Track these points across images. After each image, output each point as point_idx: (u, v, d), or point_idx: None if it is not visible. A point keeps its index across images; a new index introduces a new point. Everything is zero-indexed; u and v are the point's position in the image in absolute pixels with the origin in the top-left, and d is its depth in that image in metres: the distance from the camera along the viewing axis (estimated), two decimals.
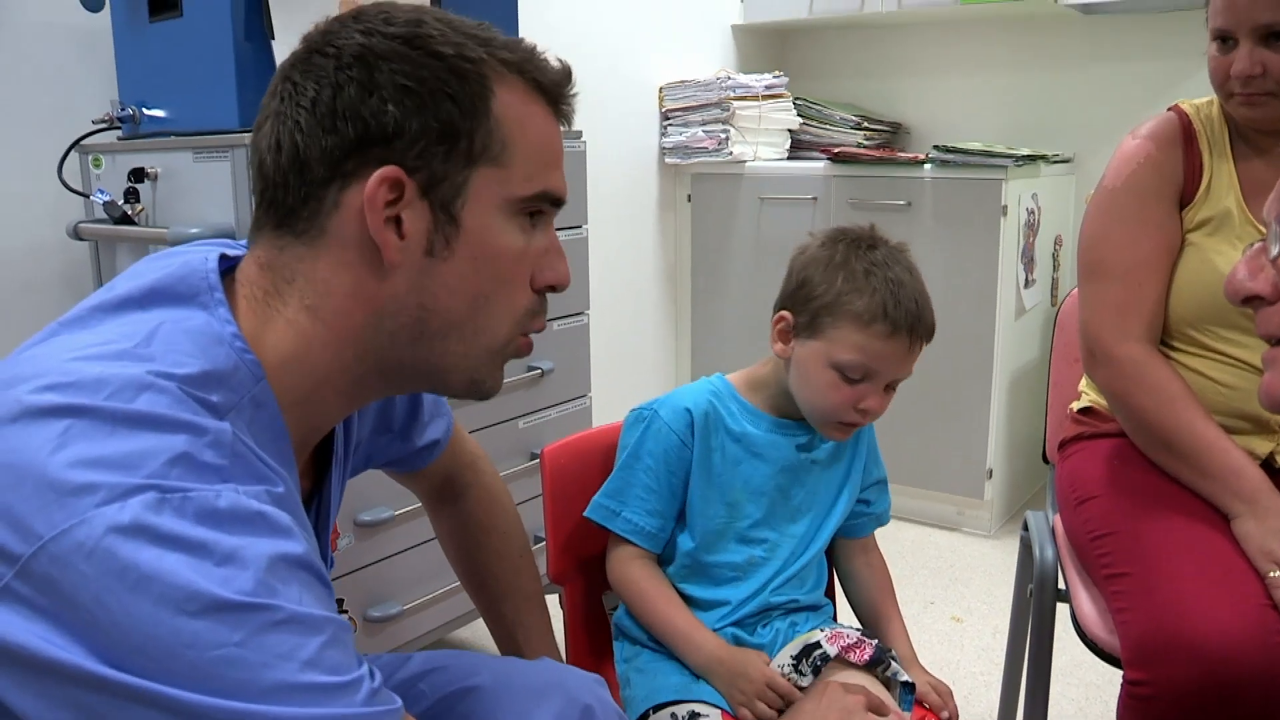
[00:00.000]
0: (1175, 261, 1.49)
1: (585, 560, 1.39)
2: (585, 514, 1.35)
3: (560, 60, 0.90)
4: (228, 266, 0.85)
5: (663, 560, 1.36)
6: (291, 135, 0.80)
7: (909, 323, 1.25)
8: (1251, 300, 0.92)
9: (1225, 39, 1.42)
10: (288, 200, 0.81)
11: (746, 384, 1.37)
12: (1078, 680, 2.22)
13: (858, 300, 1.24)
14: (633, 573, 1.33)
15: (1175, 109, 1.55)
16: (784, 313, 1.31)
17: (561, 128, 0.90)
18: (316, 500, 0.98)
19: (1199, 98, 1.56)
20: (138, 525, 0.63)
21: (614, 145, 3.22)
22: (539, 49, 0.88)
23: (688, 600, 1.33)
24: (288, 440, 0.81)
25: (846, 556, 1.46)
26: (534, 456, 2.12)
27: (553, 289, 0.89)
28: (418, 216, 0.80)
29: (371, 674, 0.72)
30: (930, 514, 3.14)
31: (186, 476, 0.67)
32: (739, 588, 1.32)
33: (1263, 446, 1.44)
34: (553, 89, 0.87)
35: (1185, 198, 1.50)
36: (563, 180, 0.88)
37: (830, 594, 1.48)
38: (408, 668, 1.11)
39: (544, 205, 0.87)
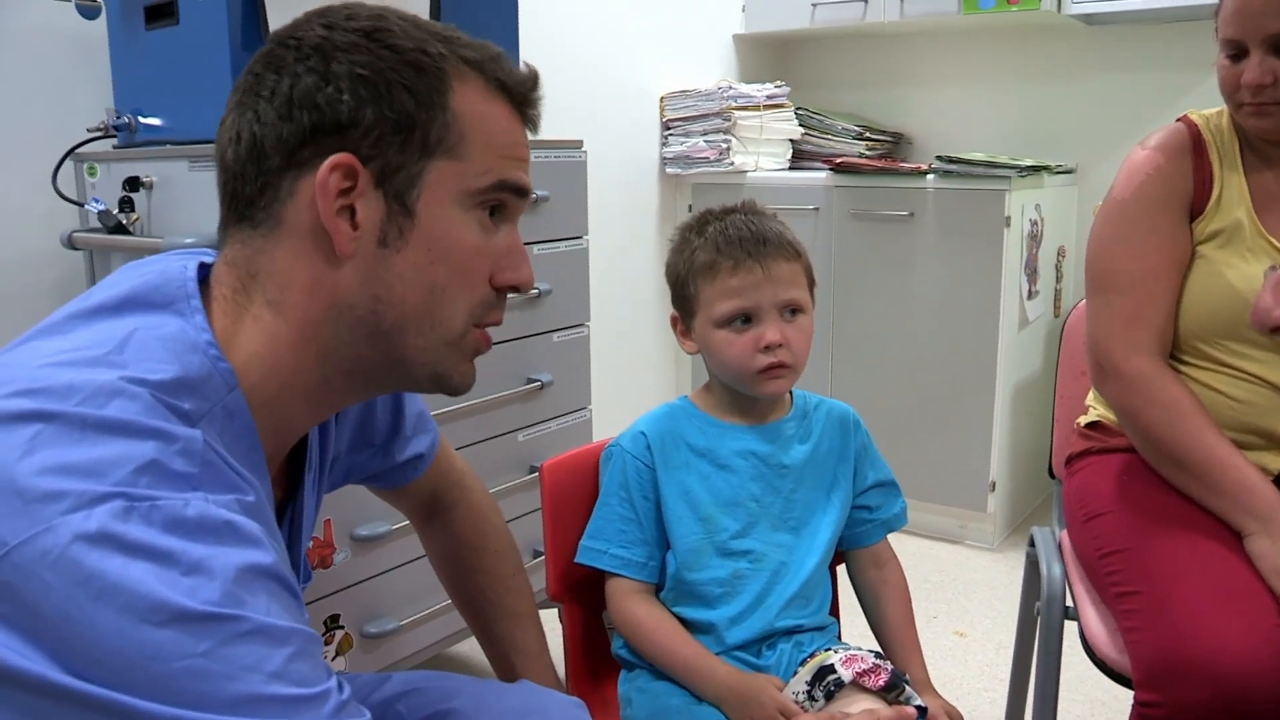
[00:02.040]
0: (1185, 274, 1.47)
1: (585, 577, 1.36)
2: (576, 559, 1.34)
3: (528, 65, 0.90)
4: (205, 274, 0.84)
5: (658, 588, 1.34)
6: (250, 126, 0.81)
7: (749, 247, 1.26)
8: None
9: (1236, 48, 1.41)
10: (246, 190, 0.81)
11: (704, 399, 1.37)
12: (1083, 696, 2.19)
13: (700, 257, 1.29)
14: (631, 610, 1.31)
15: (1184, 119, 1.53)
16: (672, 314, 1.35)
17: (529, 133, 0.90)
18: (290, 510, 0.97)
19: (1204, 109, 1.54)
20: (104, 533, 0.62)
21: (614, 155, 3.21)
22: (507, 55, 0.88)
23: (684, 624, 1.30)
24: (260, 449, 0.80)
25: (859, 569, 1.43)
26: (534, 470, 2.10)
27: (514, 290, 0.89)
28: (371, 206, 0.80)
29: (340, 686, 0.71)
30: (933, 527, 3.12)
31: (155, 484, 0.66)
32: (731, 604, 1.29)
33: (1274, 462, 1.42)
34: (516, 89, 0.87)
35: (1195, 209, 1.47)
36: (525, 175, 0.88)
37: (835, 611, 1.45)
38: (385, 689, 1.09)
39: (505, 196, 0.86)
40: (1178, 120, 1.54)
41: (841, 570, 1.47)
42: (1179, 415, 1.40)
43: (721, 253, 1.27)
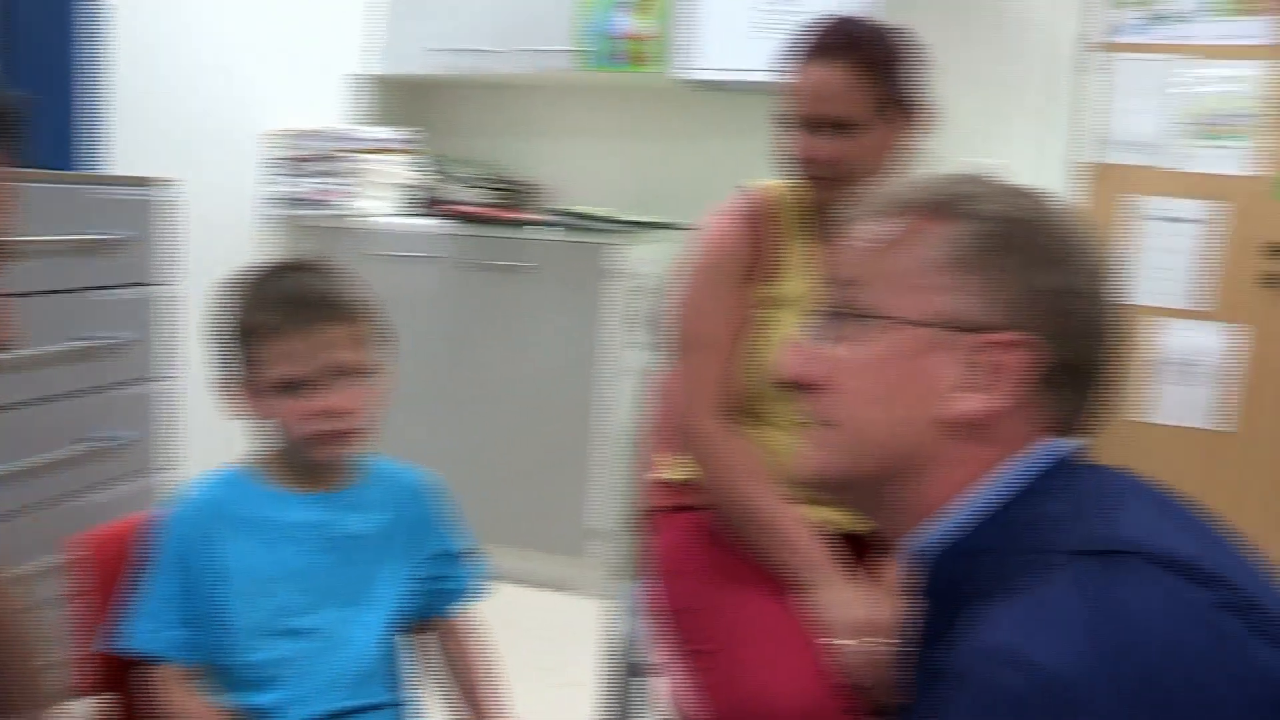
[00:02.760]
0: (752, 337, 1.53)
1: (129, 663, 1.22)
2: (111, 645, 1.20)
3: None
4: None
5: (207, 671, 1.22)
6: None
7: (297, 310, 1.18)
8: (796, 386, 0.92)
9: (798, 122, 1.48)
10: None
11: (264, 465, 1.28)
12: None
13: (248, 318, 1.19)
14: (178, 699, 1.19)
15: (755, 188, 1.61)
16: (221, 376, 1.25)
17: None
18: None
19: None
20: None
21: (216, 195, 2.99)
22: None
23: (236, 712, 1.20)
24: None
25: (436, 642, 1.38)
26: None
27: None
28: None
29: None
30: (540, 575, 3.12)
31: None
32: (287, 687, 1.20)
33: (837, 515, 1.50)
34: None
35: (761, 275, 1.54)
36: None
37: (413, 686, 1.38)
38: None
39: None
40: (749, 188, 1.61)
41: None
42: (744, 475, 1.46)
43: (273, 314, 1.18)
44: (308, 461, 1.24)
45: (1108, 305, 0.86)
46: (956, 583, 0.83)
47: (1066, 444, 0.85)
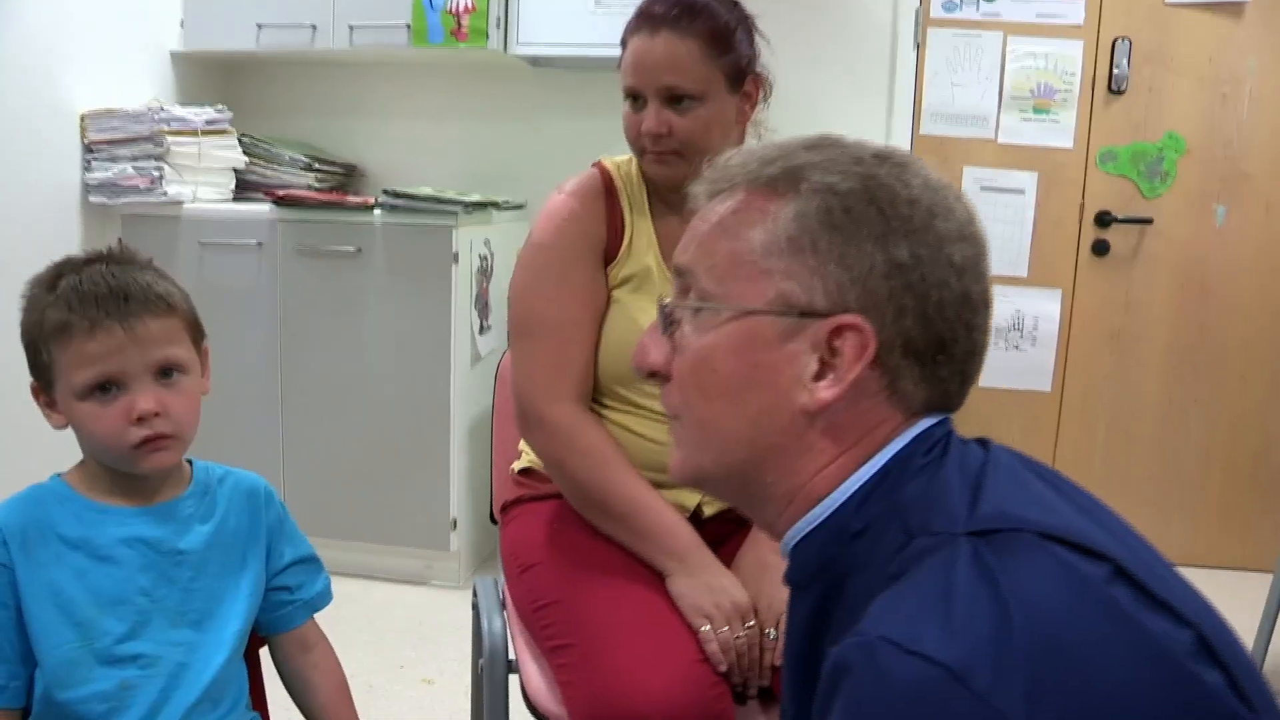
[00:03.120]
0: (603, 319, 1.49)
1: None
2: None
3: None
4: None
5: (24, 713, 1.11)
6: None
7: (106, 305, 1.09)
8: (654, 375, 0.88)
9: (636, 98, 1.44)
10: None
11: (81, 478, 1.17)
12: None
13: (51, 317, 1.09)
14: None
15: (598, 166, 1.56)
16: (32, 383, 1.14)
17: None
18: None
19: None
20: None
21: (25, 181, 2.77)
22: None
23: None
24: None
25: (284, 656, 1.29)
26: None
27: None
28: None
29: None
30: (398, 570, 3.02)
31: None
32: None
33: (691, 499, 1.47)
34: None
35: (609, 255, 1.50)
36: None
37: (261, 705, 1.30)
38: None
39: None
40: (592, 166, 1.57)
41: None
42: (600, 461, 1.41)
43: (75, 312, 1.08)
44: (130, 476, 1.14)
45: (963, 274, 0.80)
46: (828, 570, 0.81)
47: (932, 422, 0.82)
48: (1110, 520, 0.79)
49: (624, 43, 1.47)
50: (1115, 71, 3.19)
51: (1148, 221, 3.24)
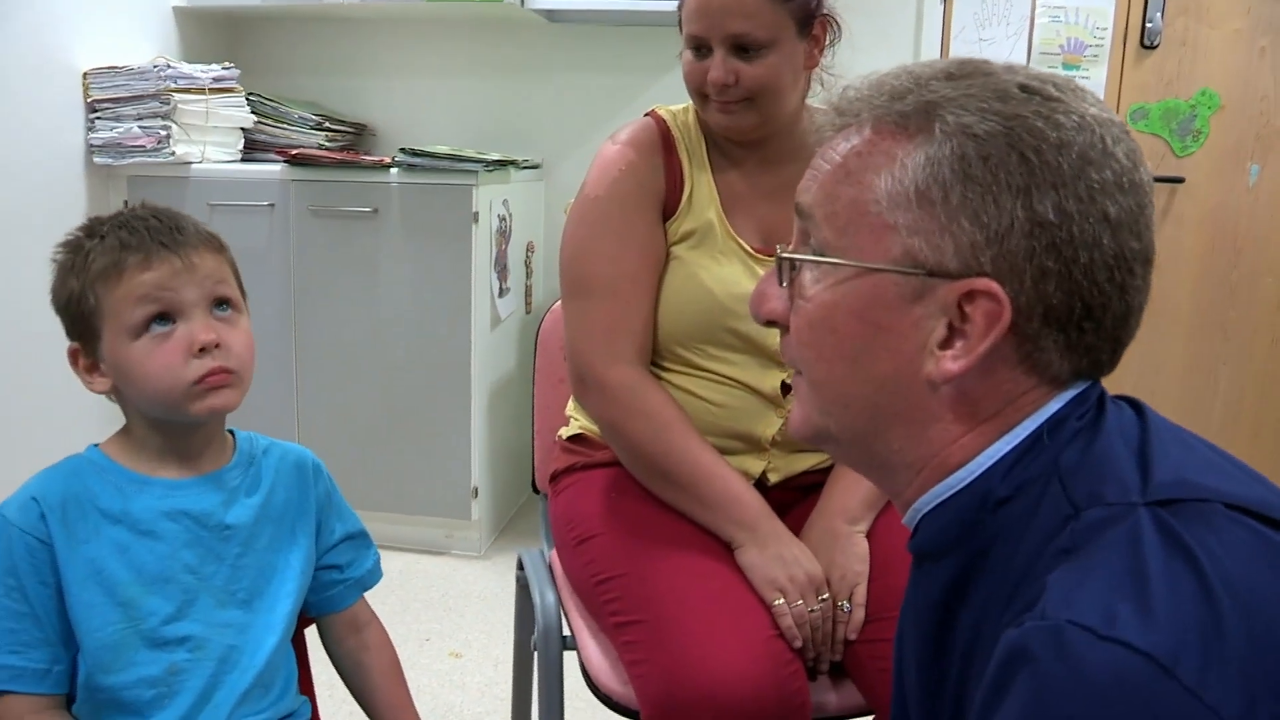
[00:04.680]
0: (661, 276, 1.41)
1: None
2: None
3: None
4: None
5: (69, 699, 1.04)
6: None
7: (162, 237, 1.03)
8: (772, 324, 0.81)
9: (700, 46, 1.36)
10: None
11: (121, 448, 1.09)
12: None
13: (99, 262, 1.03)
14: None
15: (653, 115, 1.47)
16: (72, 347, 1.07)
17: None
18: None
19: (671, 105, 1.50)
20: None
21: (26, 141, 2.65)
22: None
23: None
24: None
25: (335, 638, 1.23)
26: None
27: None
28: None
29: None
30: (418, 539, 2.95)
31: None
32: (168, 709, 1.03)
33: (755, 466, 1.40)
34: None
35: (668, 209, 1.42)
36: None
37: (308, 689, 1.23)
38: None
39: None
40: (646, 115, 1.48)
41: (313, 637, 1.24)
42: (663, 426, 1.34)
43: (127, 249, 1.02)
44: (175, 437, 1.07)
45: (1119, 230, 0.71)
46: (968, 539, 0.74)
47: (1082, 388, 0.74)
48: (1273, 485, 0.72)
49: None
50: (1148, 25, 3.10)
51: (1179, 181, 3.16)
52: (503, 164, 2.91)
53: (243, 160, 3.10)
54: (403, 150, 2.78)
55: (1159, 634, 0.56)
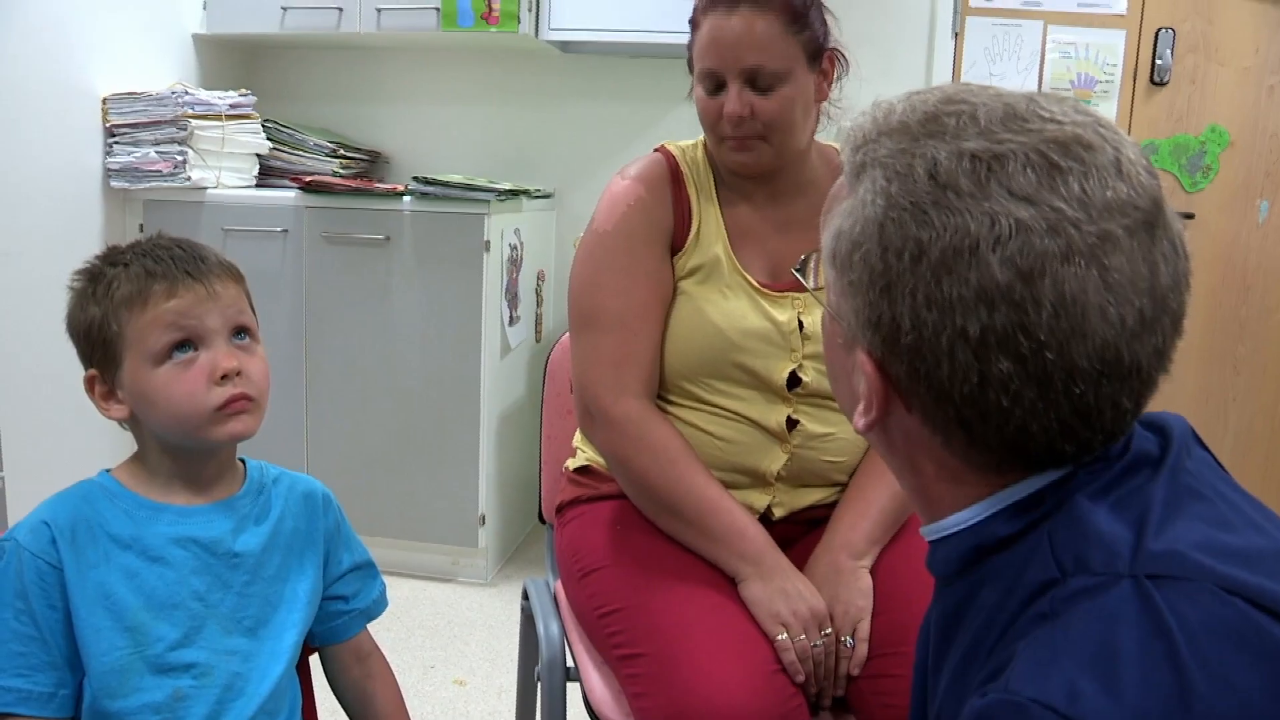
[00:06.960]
0: (669, 311, 1.42)
1: None
2: None
3: None
4: None
5: None
6: None
7: (187, 266, 1.06)
8: None
9: (713, 80, 1.37)
10: None
11: (133, 473, 1.10)
12: None
13: (122, 289, 1.04)
14: None
15: (662, 150, 1.49)
16: (89, 374, 1.08)
17: None
18: None
19: (678, 139, 1.51)
20: None
21: (45, 164, 2.69)
22: None
23: None
24: None
25: (339, 668, 1.23)
26: None
27: None
28: None
29: None
30: (424, 566, 2.96)
31: None
32: None
33: (760, 500, 1.41)
34: None
35: (676, 244, 1.43)
36: None
37: (312, 718, 1.23)
38: None
39: None
40: (655, 150, 1.50)
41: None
42: (669, 460, 1.34)
43: (152, 276, 1.04)
44: (189, 464, 1.08)
45: (981, 348, 0.64)
46: (965, 574, 0.74)
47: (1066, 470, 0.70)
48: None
49: (694, 23, 1.39)
50: (1158, 62, 3.12)
51: (1188, 216, 3.17)
52: (515, 193, 2.94)
53: (258, 186, 3.13)
54: (416, 178, 2.81)
55: (1122, 715, 0.56)
